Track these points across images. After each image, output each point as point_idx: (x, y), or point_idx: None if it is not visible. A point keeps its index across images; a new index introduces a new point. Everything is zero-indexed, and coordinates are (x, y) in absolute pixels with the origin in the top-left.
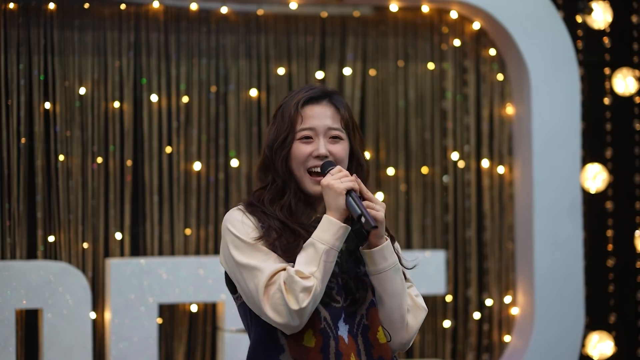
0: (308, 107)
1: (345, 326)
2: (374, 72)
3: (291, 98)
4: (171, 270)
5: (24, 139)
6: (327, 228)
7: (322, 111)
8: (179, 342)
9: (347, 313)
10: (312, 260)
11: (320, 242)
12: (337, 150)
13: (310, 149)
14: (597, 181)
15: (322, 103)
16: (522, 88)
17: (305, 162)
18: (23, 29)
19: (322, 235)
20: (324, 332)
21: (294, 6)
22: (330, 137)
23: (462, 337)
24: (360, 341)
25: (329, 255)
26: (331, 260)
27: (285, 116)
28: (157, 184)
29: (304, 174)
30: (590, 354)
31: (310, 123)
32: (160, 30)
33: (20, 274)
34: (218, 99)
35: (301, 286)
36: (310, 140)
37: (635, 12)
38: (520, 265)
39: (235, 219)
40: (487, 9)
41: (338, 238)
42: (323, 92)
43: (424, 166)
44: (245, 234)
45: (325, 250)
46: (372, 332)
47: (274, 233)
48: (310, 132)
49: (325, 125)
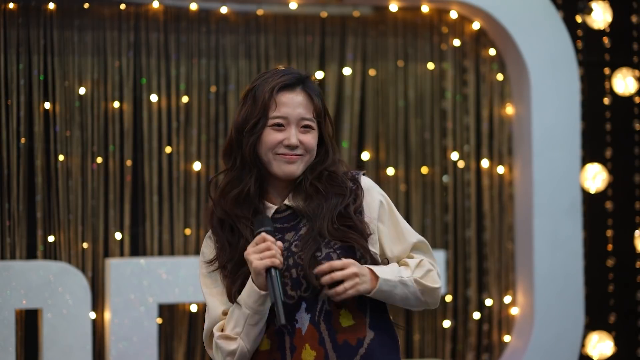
0: (282, 94)
1: (308, 315)
2: (374, 72)
3: (264, 81)
4: (171, 270)
5: (23, 139)
6: (250, 293)
7: (295, 99)
8: (179, 342)
9: (309, 302)
10: (238, 322)
11: (245, 307)
12: (307, 140)
13: (282, 137)
14: (597, 181)
15: (296, 90)
16: (522, 88)
17: (274, 148)
18: (23, 29)
19: (247, 300)
20: (279, 331)
21: (293, 6)
22: (302, 126)
23: (462, 337)
24: (323, 328)
25: (252, 318)
26: (255, 323)
27: (258, 100)
28: (157, 184)
29: (272, 156)
30: (590, 354)
31: (283, 112)
32: (160, 30)
33: (20, 274)
34: (218, 99)
35: (226, 351)
36: (282, 128)
37: (635, 12)
38: (520, 265)
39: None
40: (487, 9)
41: (261, 304)
42: (297, 78)
43: (423, 166)
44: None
45: (249, 315)
46: (334, 317)
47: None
48: (282, 120)
49: (298, 114)
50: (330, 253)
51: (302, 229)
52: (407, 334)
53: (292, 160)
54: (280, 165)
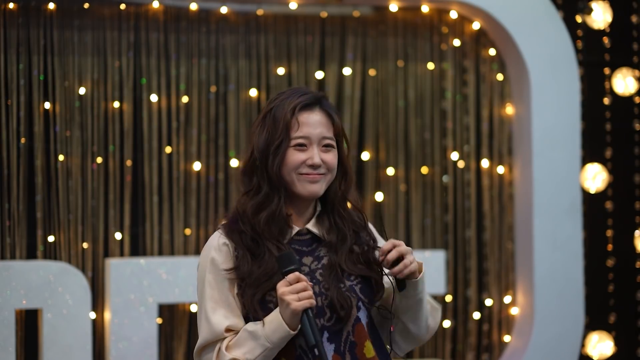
0: (303, 114)
1: (331, 345)
2: (374, 72)
3: (283, 102)
4: (171, 270)
5: (23, 139)
6: (276, 329)
7: (316, 119)
8: (179, 342)
9: (332, 332)
10: (253, 350)
11: (267, 341)
12: (329, 159)
13: (304, 157)
14: (597, 181)
15: (315, 110)
16: (522, 88)
17: (297, 168)
18: (23, 29)
19: (271, 336)
20: (300, 358)
21: (293, 6)
22: (323, 145)
23: (462, 337)
24: (348, 358)
25: (271, 351)
26: (272, 355)
27: (278, 120)
28: (157, 184)
29: (296, 176)
30: (590, 354)
31: (305, 131)
32: (160, 30)
33: (20, 274)
34: (218, 99)
35: None
36: (304, 148)
37: (635, 12)
38: (520, 265)
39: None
40: (487, 9)
41: (284, 340)
42: (315, 97)
43: (423, 166)
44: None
45: (269, 348)
46: (359, 348)
47: (246, 265)
48: (304, 140)
49: (320, 134)
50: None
51: (323, 258)
52: None
53: (316, 179)
54: (304, 185)
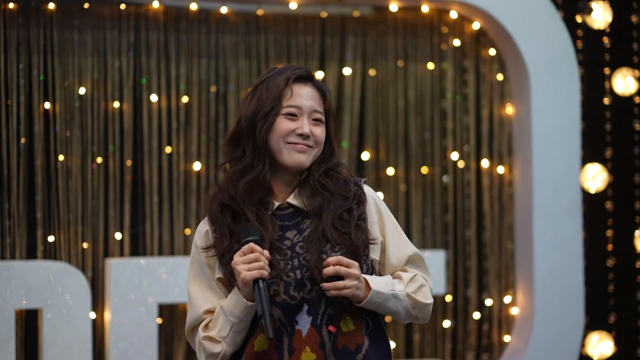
0: (297, 85)
1: (309, 318)
2: (374, 72)
3: (276, 74)
4: (171, 270)
5: (23, 139)
6: (236, 302)
7: (309, 92)
8: (179, 342)
9: (311, 304)
10: (223, 327)
11: (231, 315)
12: (318, 132)
13: (294, 126)
14: (597, 181)
15: (309, 84)
16: (522, 88)
17: (286, 136)
18: (23, 29)
19: (233, 309)
20: (278, 332)
21: (293, 6)
22: (313, 119)
23: (462, 337)
24: (324, 331)
25: (238, 326)
26: (240, 330)
27: (271, 89)
28: (157, 184)
29: (283, 145)
30: (590, 354)
31: (298, 101)
32: (160, 30)
33: (20, 274)
34: (218, 99)
35: (209, 352)
36: (295, 118)
37: (635, 12)
38: (520, 265)
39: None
40: (487, 9)
41: (247, 314)
42: (309, 73)
43: (423, 166)
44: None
45: (235, 323)
46: (337, 321)
47: (224, 241)
48: (296, 109)
49: (312, 106)
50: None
51: (306, 230)
52: (407, 334)
53: (303, 150)
54: (290, 154)
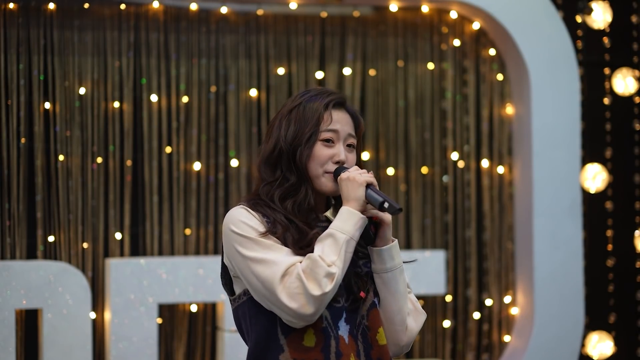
0: (335, 111)
1: (347, 326)
2: (374, 72)
3: (312, 98)
4: (171, 270)
5: (24, 139)
6: (347, 218)
7: (345, 118)
8: (179, 342)
9: (348, 313)
10: (332, 250)
11: (341, 232)
12: (351, 159)
13: (331, 152)
14: (597, 181)
15: (343, 110)
16: (522, 88)
17: (324, 164)
18: (23, 29)
19: (342, 226)
20: (325, 331)
21: (293, 6)
22: (347, 144)
23: (462, 337)
24: (360, 342)
25: (349, 245)
26: (350, 251)
27: (310, 113)
28: (157, 184)
29: (322, 173)
30: (590, 354)
31: (335, 126)
32: (160, 30)
33: (20, 274)
34: (218, 99)
35: (325, 271)
36: (332, 145)
37: (635, 12)
38: (520, 265)
39: (237, 218)
40: (487, 9)
41: (358, 229)
42: (343, 98)
43: (423, 166)
44: (250, 232)
45: (346, 240)
46: (372, 333)
47: (279, 227)
48: (333, 135)
49: (347, 132)
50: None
51: None
52: None
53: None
54: (327, 183)
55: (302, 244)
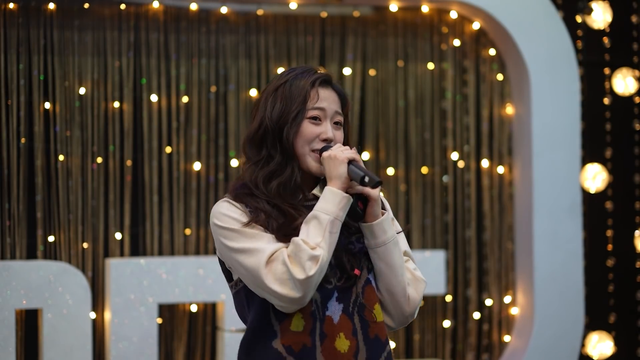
0: (321, 89)
1: (339, 305)
2: (374, 72)
3: (298, 76)
4: (171, 270)
5: (24, 139)
6: (330, 199)
7: (331, 95)
8: (179, 342)
9: (341, 291)
10: (317, 232)
11: (324, 213)
12: (338, 137)
13: (318, 130)
14: (597, 181)
15: (329, 88)
16: (522, 88)
17: (311, 142)
18: (23, 29)
19: (325, 206)
20: (313, 314)
21: (293, 6)
22: (334, 122)
23: (462, 337)
24: (356, 320)
25: (333, 225)
26: (335, 231)
27: (296, 91)
28: (157, 184)
29: (308, 152)
30: (590, 354)
31: (322, 104)
32: (160, 30)
33: (20, 274)
34: (218, 99)
35: (308, 254)
36: (319, 122)
37: (635, 12)
38: (520, 265)
39: (219, 212)
40: (487, 9)
41: (341, 208)
42: (329, 76)
43: (423, 166)
44: (233, 223)
45: (330, 220)
46: (367, 310)
47: (262, 214)
48: (320, 112)
49: (334, 109)
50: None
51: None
52: (407, 334)
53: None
54: (313, 162)
55: (286, 229)
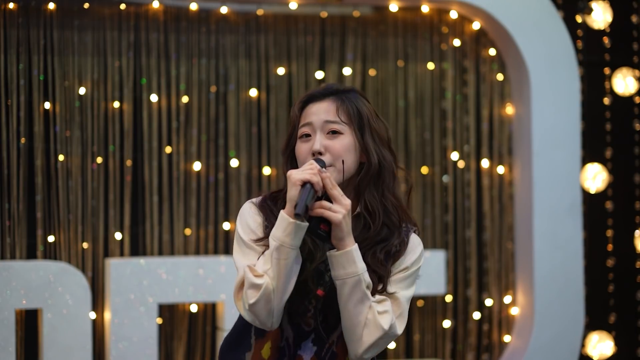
0: (308, 106)
1: (313, 348)
2: (374, 72)
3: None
4: (171, 270)
5: (23, 139)
6: (278, 224)
7: (321, 107)
8: (179, 342)
9: (319, 336)
10: (267, 259)
11: (272, 239)
12: (333, 145)
13: (308, 146)
14: (597, 181)
15: (324, 100)
16: (522, 88)
17: (305, 159)
18: (23, 29)
19: (275, 232)
20: (282, 350)
21: (293, 6)
22: (329, 131)
23: (462, 337)
24: None
25: (280, 252)
26: (285, 258)
27: (291, 120)
28: (157, 184)
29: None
30: (590, 354)
31: (309, 118)
32: (160, 30)
33: (20, 274)
34: (218, 99)
35: (249, 282)
36: (309, 138)
37: (635, 12)
38: (520, 265)
39: (243, 214)
40: (487, 9)
41: (288, 234)
42: (330, 90)
43: (423, 166)
44: (245, 233)
45: (276, 247)
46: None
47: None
48: (308, 128)
49: (322, 119)
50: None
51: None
52: (407, 334)
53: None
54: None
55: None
